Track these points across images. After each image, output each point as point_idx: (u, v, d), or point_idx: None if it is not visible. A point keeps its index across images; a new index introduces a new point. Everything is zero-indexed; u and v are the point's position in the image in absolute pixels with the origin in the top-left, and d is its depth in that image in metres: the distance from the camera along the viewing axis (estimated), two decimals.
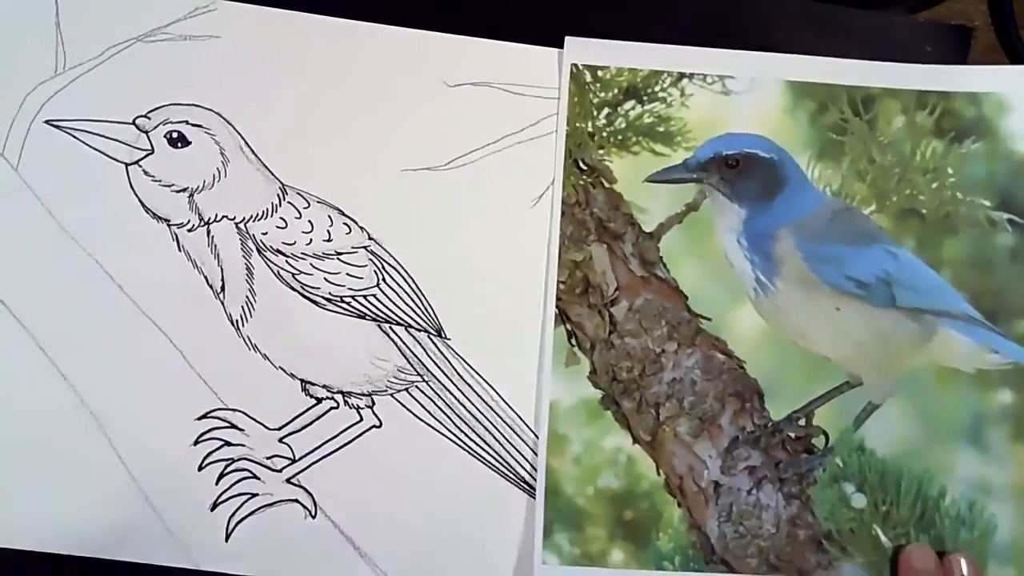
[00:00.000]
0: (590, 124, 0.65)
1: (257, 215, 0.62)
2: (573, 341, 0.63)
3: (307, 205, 0.63)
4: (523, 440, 0.61)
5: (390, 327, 0.62)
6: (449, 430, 0.61)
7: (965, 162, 0.64)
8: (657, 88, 0.66)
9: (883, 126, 0.65)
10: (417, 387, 0.62)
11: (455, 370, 0.62)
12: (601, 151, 0.65)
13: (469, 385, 0.62)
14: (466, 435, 0.61)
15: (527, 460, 0.61)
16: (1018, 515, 0.60)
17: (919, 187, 0.64)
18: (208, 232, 0.62)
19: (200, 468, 0.60)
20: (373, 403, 0.61)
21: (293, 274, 0.62)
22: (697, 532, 0.61)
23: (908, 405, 0.62)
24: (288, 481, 0.60)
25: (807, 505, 0.60)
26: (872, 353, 0.62)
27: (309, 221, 0.63)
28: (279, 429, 0.61)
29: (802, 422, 0.62)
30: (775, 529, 0.60)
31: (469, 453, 0.61)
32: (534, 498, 0.60)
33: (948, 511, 0.60)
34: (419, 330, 0.62)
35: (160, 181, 0.62)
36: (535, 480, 0.61)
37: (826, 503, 0.60)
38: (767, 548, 0.60)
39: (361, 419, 0.61)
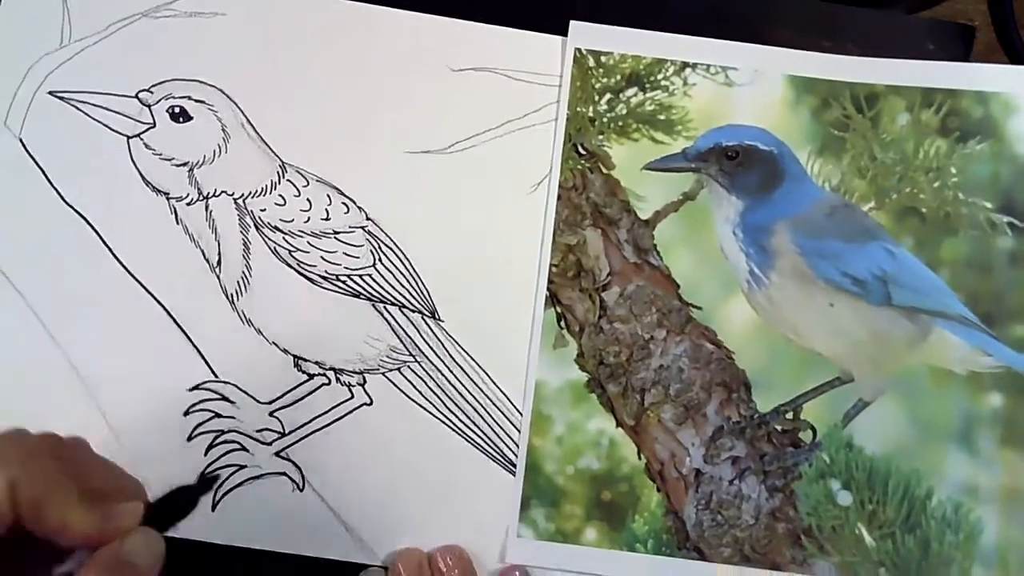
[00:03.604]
0: (591, 109, 0.57)
1: (256, 191, 0.54)
2: (562, 323, 0.55)
3: (306, 183, 0.55)
4: (511, 421, 0.53)
5: (384, 307, 0.54)
6: (439, 410, 0.53)
7: (969, 162, 0.55)
8: (660, 76, 0.57)
9: (886, 123, 0.56)
10: (409, 367, 0.53)
11: (447, 352, 0.54)
12: (601, 136, 0.56)
13: (461, 367, 0.54)
14: (455, 416, 0.53)
15: (513, 441, 0.53)
16: (1004, 519, 0.51)
17: (920, 186, 0.55)
18: (207, 207, 0.54)
19: (190, 439, 0.52)
20: (365, 381, 0.53)
21: (290, 251, 0.53)
22: (674, 518, 0.52)
23: (899, 404, 0.53)
24: (277, 455, 0.52)
25: (790, 499, 0.52)
26: (865, 350, 0.53)
27: (308, 199, 0.54)
28: (270, 403, 0.53)
29: (789, 415, 0.53)
30: (754, 520, 0.52)
31: (458, 433, 0.53)
32: (515, 476, 0.53)
33: (935, 513, 0.51)
34: (413, 311, 0.54)
35: (161, 155, 0.54)
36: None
37: (810, 499, 0.51)
38: (743, 539, 0.52)
39: (352, 396, 0.53)
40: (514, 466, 0.52)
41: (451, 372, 0.53)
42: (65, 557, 0.39)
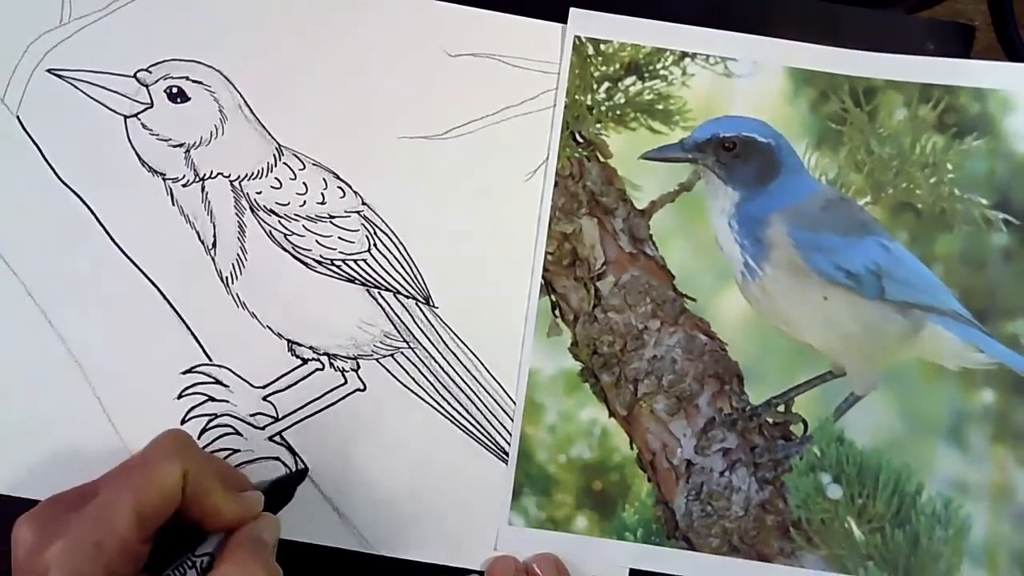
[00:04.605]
0: (589, 97, 0.56)
1: (252, 174, 0.53)
2: (557, 312, 0.54)
3: (302, 167, 0.54)
4: (503, 409, 0.52)
5: (379, 292, 0.53)
6: (432, 397, 0.52)
7: (965, 159, 0.54)
8: (659, 65, 0.56)
9: (884, 118, 0.55)
10: (403, 353, 0.53)
11: (441, 338, 0.53)
12: (598, 125, 0.55)
13: (454, 353, 0.53)
14: (448, 403, 0.52)
15: (506, 429, 0.52)
16: (993, 515, 0.51)
17: (916, 181, 0.54)
18: (203, 188, 0.53)
19: (183, 422, 0.51)
20: (358, 366, 0.52)
21: (285, 235, 0.53)
22: (664, 507, 0.52)
23: (890, 399, 0.52)
24: (270, 439, 0.51)
25: (780, 492, 0.51)
26: (858, 344, 0.52)
27: (304, 183, 0.53)
28: (264, 387, 0.52)
29: (781, 408, 0.53)
30: (743, 512, 0.51)
31: (450, 420, 0.52)
32: (507, 464, 0.52)
33: (924, 508, 0.51)
34: (408, 297, 0.53)
35: (158, 135, 0.53)
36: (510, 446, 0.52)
37: (800, 491, 0.51)
38: (732, 529, 0.51)
39: (346, 382, 0.52)
40: (506, 454, 0.52)
41: (444, 359, 0.52)
42: (203, 540, 0.43)
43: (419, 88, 0.55)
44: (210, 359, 0.52)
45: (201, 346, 0.52)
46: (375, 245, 0.53)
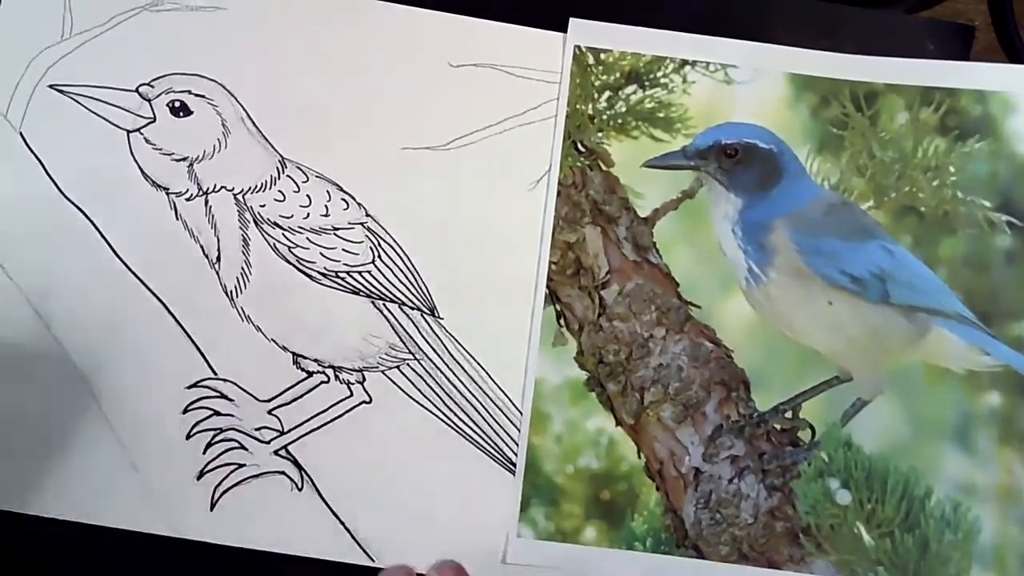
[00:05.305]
0: (590, 107, 0.56)
1: (256, 187, 0.53)
2: (562, 321, 0.54)
3: (306, 179, 0.53)
4: (510, 420, 0.52)
5: (384, 304, 0.53)
6: (438, 408, 0.52)
7: (968, 161, 0.54)
8: (659, 74, 0.56)
9: (885, 122, 0.55)
10: (408, 365, 0.52)
11: (447, 349, 0.53)
12: (600, 134, 0.55)
13: (460, 365, 0.53)
14: (455, 414, 0.52)
15: (512, 439, 0.52)
16: (1001, 518, 0.50)
17: (919, 184, 0.54)
18: (206, 202, 0.53)
19: (188, 437, 0.51)
20: (364, 379, 0.52)
21: (289, 247, 0.52)
22: (672, 516, 0.51)
23: (897, 403, 0.52)
24: (276, 453, 0.51)
25: (789, 498, 0.51)
26: (863, 349, 0.52)
27: (307, 195, 0.53)
28: (269, 401, 0.52)
29: (788, 414, 0.52)
30: (753, 519, 0.51)
31: (457, 432, 0.52)
32: (515, 475, 0.51)
33: (933, 512, 0.50)
34: (412, 308, 0.53)
35: (161, 149, 0.53)
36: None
37: (809, 497, 0.51)
38: (742, 537, 0.51)
39: (351, 394, 0.52)
40: (514, 465, 0.51)
41: (450, 370, 0.52)
42: None
43: (421, 99, 0.55)
44: (215, 373, 0.51)
45: (206, 360, 0.51)
46: (379, 256, 0.53)
